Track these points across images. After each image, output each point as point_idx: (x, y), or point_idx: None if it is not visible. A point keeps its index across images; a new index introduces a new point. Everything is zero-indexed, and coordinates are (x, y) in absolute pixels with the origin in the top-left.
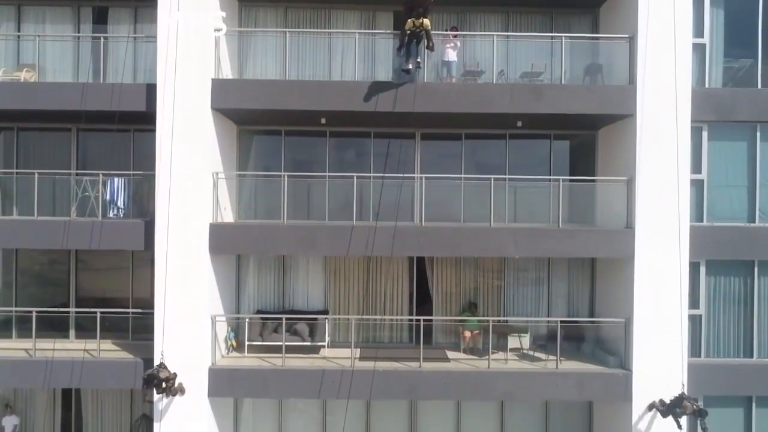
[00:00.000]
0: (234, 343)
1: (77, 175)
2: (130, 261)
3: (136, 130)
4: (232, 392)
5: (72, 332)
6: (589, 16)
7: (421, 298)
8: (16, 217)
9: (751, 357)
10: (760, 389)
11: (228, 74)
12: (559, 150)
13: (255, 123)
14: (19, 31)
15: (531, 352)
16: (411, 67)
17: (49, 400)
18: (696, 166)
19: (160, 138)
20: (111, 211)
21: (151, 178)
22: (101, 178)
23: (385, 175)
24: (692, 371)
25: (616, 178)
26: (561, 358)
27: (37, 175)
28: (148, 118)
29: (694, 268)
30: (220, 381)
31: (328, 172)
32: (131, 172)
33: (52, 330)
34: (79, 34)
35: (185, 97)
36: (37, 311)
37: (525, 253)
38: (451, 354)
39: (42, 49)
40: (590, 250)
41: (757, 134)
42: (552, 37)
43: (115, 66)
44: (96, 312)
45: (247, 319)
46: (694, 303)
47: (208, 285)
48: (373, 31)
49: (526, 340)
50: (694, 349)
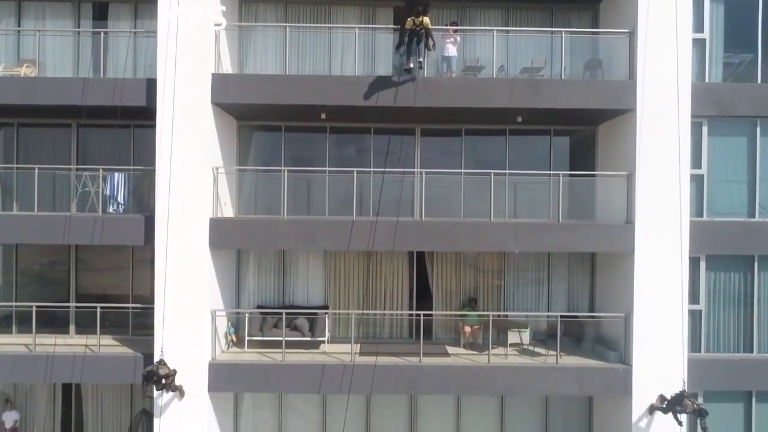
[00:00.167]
0: (234, 339)
1: (77, 170)
2: (130, 261)
3: (136, 125)
4: (232, 387)
5: (72, 328)
6: (589, 12)
7: (421, 295)
8: (17, 213)
9: (751, 352)
10: (760, 384)
11: (228, 69)
12: (559, 146)
13: (255, 118)
14: (19, 27)
15: (531, 348)
16: (412, 66)
17: (50, 396)
18: (696, 161)
19: (160, 133)
20: (111, 207)
21: (151, 174)
22: (101, 173)
23: (386, 170)
24: (692, 366)
25: (616, 173)
26: (561, 353)
27: (37, 171)
28: (148, 113)
29: (694, 263)
30: (220, 376)
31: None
32: (131, 167)
33: (52, 326)
34: (79, 29)
35: (185, 92)
36: (37, 306)
37: (525, 248)
38: (451, 349)
39: (42, 45)
40: (590, 245)
41: (757, 129)
42: (552, 32)
43: (115, 63)
44: (96, 307)
45: (247, 314)
46: (694, 298)
47: (208, 280)
48: (374, 26)
49: (526, 336)
50: (694, 345)
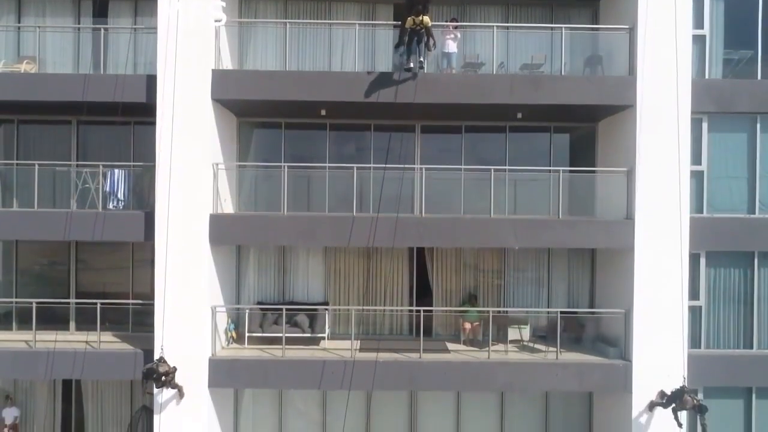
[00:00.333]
0: (234, 335)
1: (77, 166)
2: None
3: (136, 122)
4: (232, 383)
5: (72, 324)
6: (589, 9)
7: (421, 292)
8: (18, 209)
9: (751, 348)
10: (760, 380)
11: (228, 66)
12: (559, 143)
13: (255, 115)
14: (19, 23)
15: (531, 344)
16: (413, 65)
17: (50, 393)
18: (696, 158)
19: (161, 129)
20: (111, 203)
21: (151, 170)
22: (101, 169)
23: (386, 166)
24: (692, 362)
25: (616, 169)
26: (561, 350)
27: (37, 167)
28: (148, 110)
29: (694, 259)
30: (220, 372)
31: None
32: (131, 164)
33: (52, 323)
34: (80, 26)
35: (185, 88)
36: (37, 302)
37: (525, 244)
38: (451, 346)
39: (42, 42)
40: (590, 241)
41: (757, 125)
42: (552, 28)
43: (116, 59)
44: (96, 303)
45: (248, 311)
46: (694, 294)
47: (208, 276)
48: (374, 22)
49: (526, 332)
50: (694, 341)
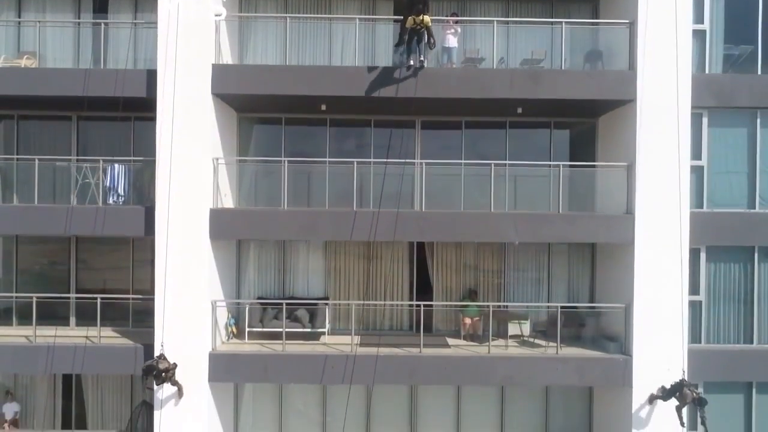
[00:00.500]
0: (234, 330)
1: (77, 161)
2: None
3: (137, 117)
4: (233, 377)
5: (72, 320)
6: (589, 4)
7: (421, 288)
8: (18, 204)
9: (751, 343)
10: (760, 375)
11: (228, 60)
12: (560, 139)
13: (255, 110)
14: (19, 18)
15: (531, 339)
16: (413, 64)
17: (50, 388)
18: (696, 153)
19: (161, 124)
20: (111, 198)
21: (152, 165)
22: (101, 164)
23: (386, 161)
24: (692, 357)
25: (616, 163)
26: (561, 345)
27: (37, 162)
28: (148, 105)
29: (695, 254)
30: (221, 366)
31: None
32: (131, 159)
33: (52, 319)
34: (80, 21)
35: (186, 83)
36: (38, 297)
37: (525, 239)
38: (451, 341)
39: (42, 37)
40: (590, 236)
41: (757, 120)
42: (552, 23)
43: (116, 54)
44: (96, 298)
45: (248, 306)
46: (695, 289)
47: (208, 271)
48: (374, 17)
49: (526, 327)
50: (694, 335)
